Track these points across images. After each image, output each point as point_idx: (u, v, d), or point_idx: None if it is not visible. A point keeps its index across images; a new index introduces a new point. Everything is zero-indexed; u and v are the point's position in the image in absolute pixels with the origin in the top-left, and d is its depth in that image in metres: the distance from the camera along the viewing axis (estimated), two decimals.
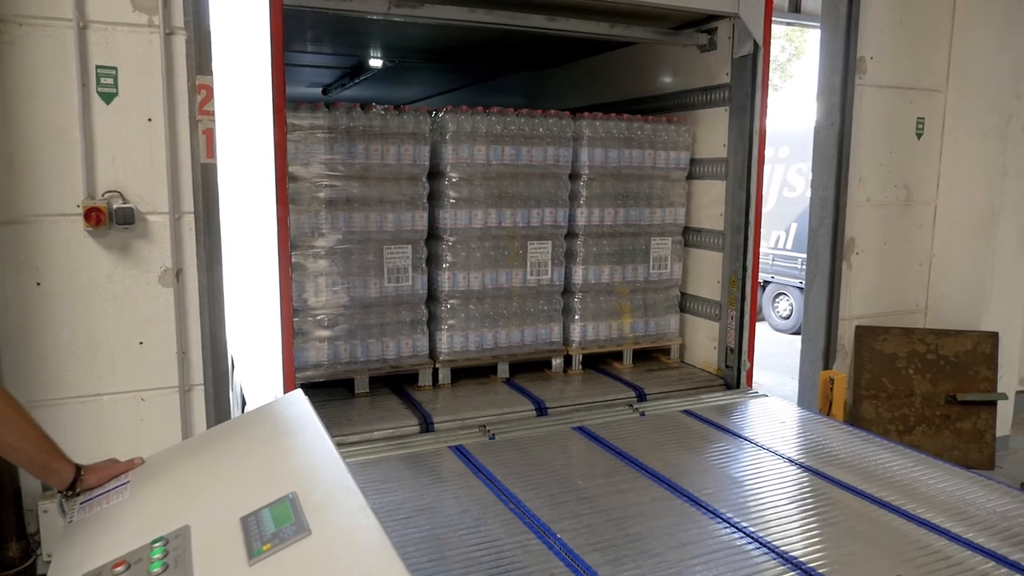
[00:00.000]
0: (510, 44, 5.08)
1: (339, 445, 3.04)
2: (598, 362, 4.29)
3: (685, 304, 4.46)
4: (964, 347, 4.96)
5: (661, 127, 4.16)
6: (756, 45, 3.86)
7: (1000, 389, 4.99)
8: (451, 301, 3.81)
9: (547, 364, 4.14)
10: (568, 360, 4.16)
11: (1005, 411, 5.24)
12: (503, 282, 3.91)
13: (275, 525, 1.48)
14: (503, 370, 3.99)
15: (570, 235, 4.08)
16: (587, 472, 2.97)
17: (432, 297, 3.83)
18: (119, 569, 1.50)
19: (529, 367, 4.11)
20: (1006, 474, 4.91)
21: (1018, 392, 5.58)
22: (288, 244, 3.19)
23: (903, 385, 4.99)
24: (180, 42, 3.14)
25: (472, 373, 3.96)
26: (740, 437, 3.32)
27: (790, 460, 3.05)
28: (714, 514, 2.56)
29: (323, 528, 1.43)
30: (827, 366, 4.95)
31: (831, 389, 4.59)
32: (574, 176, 4.02)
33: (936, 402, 4.97)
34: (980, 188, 5.03)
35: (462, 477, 2.86)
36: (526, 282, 3.96)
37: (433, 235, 3.78)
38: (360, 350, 3.63)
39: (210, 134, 3.21)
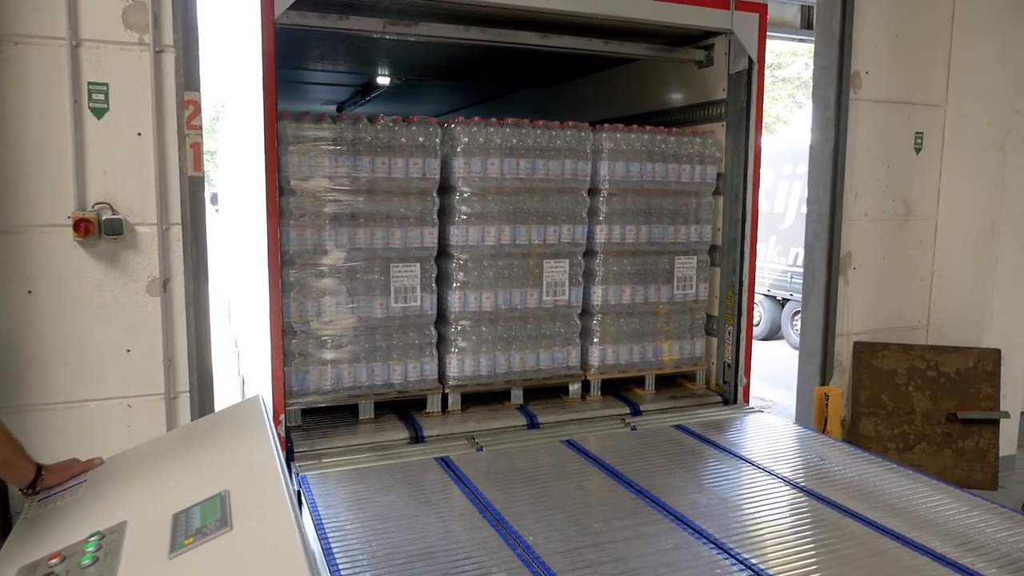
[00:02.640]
0: (515, 61, 5.15)
1: (323, 454, 3.14)
2: (618, 388, 4.08)
3: (712, 327, 4.25)
4: (965, 364, 4.88)
5: (686, 139, 3.97)
6: (751, 61, 3.89)
7: (1004, 407, 4.89)
8: (462, 323, 3.61)
9: (564, 390, 3.92)
10: (586, 386, 3.94)
11: (1010, 430, 5.12)
12: (517, 303, 3.70)
13: (201, 521, 1.53)
14: (517, 396, 3.77)
15: (589, 253, 3.87)
16: (571, 487, 2.95)
17: (442, 318, 3.63)
18: (54, 561, 1.56)
19: (544, 393, 3.90)
20: (1010, 495, 4.80)
21: None
22: (279, 259, 3.20)
23: (903, 402, 4.91)
24: (169, 59, 3.24)
25: (484, 399, 3.77)
26: (729, 453, 3.28)
27: (785, 480, 2.99)
28: (687, 524, 2.56)
29: (244, 524, 1.48)
30: (824, 382, 4.90)
31: (826, 405, 4.55)
32: (593, 191, 3.83)
33: (937, 420, 4.88)
34: (980, 202, 4.97)
35: (444, 489, 2.87)
36: (542, 303, 3.74)
37: (443, 253, 3.60)
38: (365, 374, 3.45)
39: (197, 148, 3.31)
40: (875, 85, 4.84)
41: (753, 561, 2.30)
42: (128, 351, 3.32)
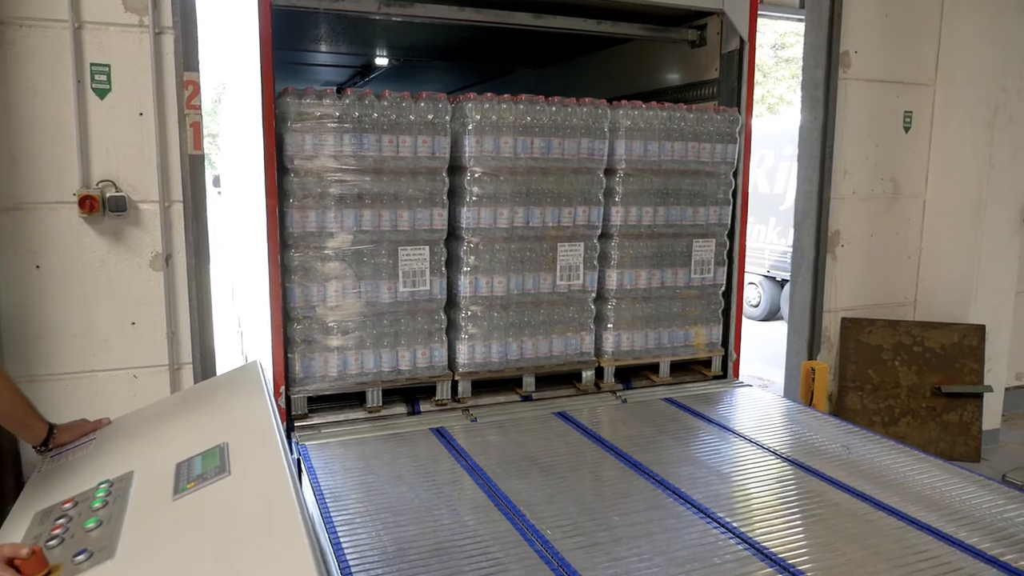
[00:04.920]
0: (510, 42, 5.20)
1: (323, 425, 3.25)
2: (632, 375, 4.00)
3: (729, 311, 4.17)
4: (950, 339, 4.99)
5: (707, 117, 3.82)
6: (742, 41, 3.93)
7: (988, 382, 5.00)
8: (472, 308, 3.50)
9: (577, 376, 3.82)
10: (600, 372, 3.85)
11: (993, 404, 5.24)
12: (530, 287, 3.58)
13: (202, 468, 1.65)
14: (528, 383, 3.67)
15: (604, 236, 3.76)
16: (557, 446, 3.07)
17: (452, 303, 3.53)
18: (68, 506, 1.69)
19: (557, 380, 3.82)
20: (991, 467, 4.92)
21: (1011, 388, 5.57)
22: (279, 241, 3.17)
23: (889, 377, 5.03)
24: (169, 41, 3.33)
25: (495, 386, 3.70)
26: (716, 424, 3.37)
27: (770, 450, 3.07)
28: (664, 486, 2.68)
29: (242, 471, 1.60)
30: (812, 357, 5.01)
31: (813, 379, 4.66)
32: (610, 171, 3.69)
33: (922, 394, 5.00)
34: (968, 180, 5.04)
35: (432, 449, 3.02)
36: (555, 287, 3.63)
37: (453, 235, 3.47)
38: (372, 361, 3.34)
39: (197, 127, 3.41)
40: (864, 64, 4.91)
41: (744, 531, 2.37)
42: (133, 324, 3.44)
